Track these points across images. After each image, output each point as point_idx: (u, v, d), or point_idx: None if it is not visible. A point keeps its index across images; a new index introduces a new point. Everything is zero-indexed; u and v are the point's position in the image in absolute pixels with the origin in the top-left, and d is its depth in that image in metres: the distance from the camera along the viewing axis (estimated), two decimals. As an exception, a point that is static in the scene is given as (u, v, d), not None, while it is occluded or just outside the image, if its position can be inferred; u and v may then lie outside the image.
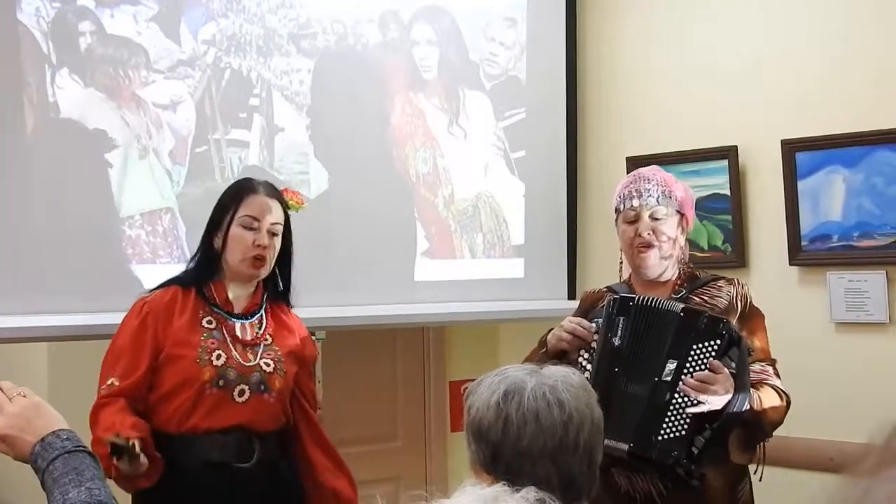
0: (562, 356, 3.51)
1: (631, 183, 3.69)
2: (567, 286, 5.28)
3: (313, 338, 4.77)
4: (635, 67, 5.22)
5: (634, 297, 3.56)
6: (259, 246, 3.55)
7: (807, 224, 4.53)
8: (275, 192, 3.66)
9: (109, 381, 3.40)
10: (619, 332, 3.50)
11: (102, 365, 3.49)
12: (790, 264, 4.59)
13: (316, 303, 4.52)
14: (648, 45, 5.17)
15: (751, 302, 3.67)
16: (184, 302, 3.54)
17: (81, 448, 2.08)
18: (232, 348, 3.52)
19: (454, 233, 5.02)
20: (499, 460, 2.18)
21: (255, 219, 3.56)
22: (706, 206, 4.84)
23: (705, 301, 3.61)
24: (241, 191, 3.62)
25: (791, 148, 4.53)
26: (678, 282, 3.67)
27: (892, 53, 4.38)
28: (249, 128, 4.45)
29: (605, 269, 4.99)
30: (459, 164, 5.03)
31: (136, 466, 3.17)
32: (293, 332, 3.75)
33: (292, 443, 3.72)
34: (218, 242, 3.58)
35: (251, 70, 4.45)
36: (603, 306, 3.62)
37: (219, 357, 3.48)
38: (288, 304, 3.78)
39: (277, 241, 3.62)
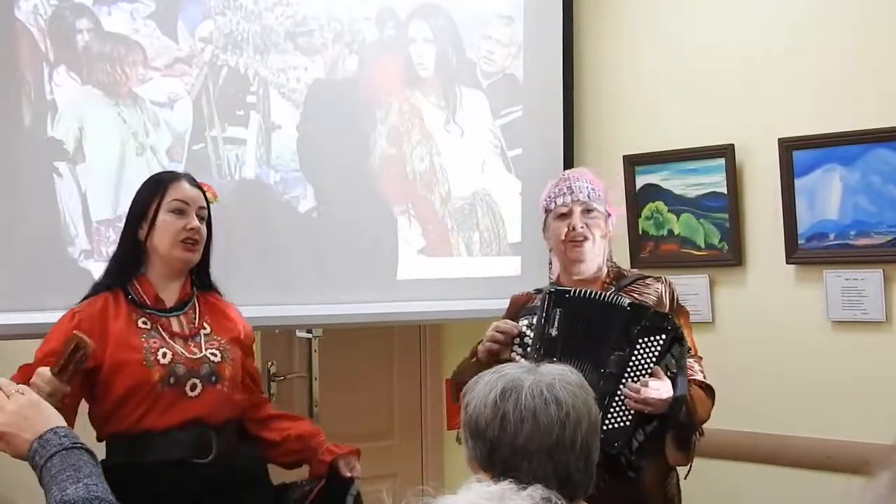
0: (495, 363, 3.47)
1: (560, 181, 3.75)
2: (564, 284, 5.28)
3: (309, 335, 4.78)
4: (632, 66, 5.22)
5: (570, 290, 3.58)
6: (191, 229, 3.47)
7: (804, 222, 4.53)
8: (196, 182, 3.59)
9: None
10: (556, 324, 3.52)
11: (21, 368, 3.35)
12: (787, 263, 4.59)
13: (312, 300, 4.53)
14: (645, 43, 5.17)
15: (678, 299, 3.74)
16: (115, 308, 3.43)
17: (79, 445, 2.09)
18: (174, 344, 3.45)
19: (451, 231, 5.02)
20: (495, 457, 2.18)
21: (185, 202, 3.49)
22: (703, 205, 4.85)
23: (635, 298, 3.64)
24: (163, 181, 3.53)
25: (788, 146, 4.53)
26: (607, 279, 3.71)
27: (889, 52, 4.39)
28: (246, 125, 4.45)
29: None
30: (456, 162, 5.03)
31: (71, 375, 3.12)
32: (231, 318, 3.69)
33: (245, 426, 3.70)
34: (143, 233, 3.48)
35: (248, 68, 4.45)
36: (533, 304, 3.66)
37: (164, 355, 3.40)
38: (217, 291, 3.70)
39: (205, 228, 3.55)
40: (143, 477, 3.32)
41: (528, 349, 3.52)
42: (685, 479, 3.66)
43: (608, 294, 3.56)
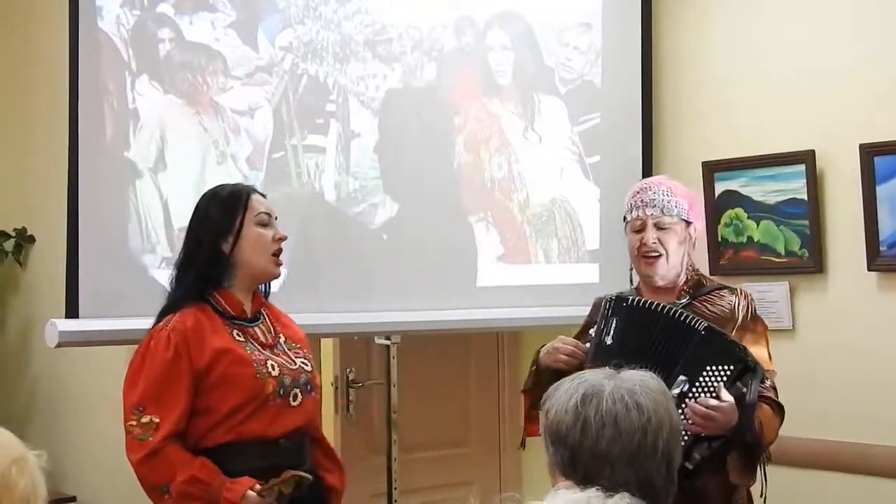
0: (557, 374, 3.34)
1: (637, 193, 3.71)
2: (642, 291, 5.25)
3: (387, 342, 4.79)
4: (711, 72, 5.19)
5: (630, 299, 3.57)
6: (280, 239, 3.50)
7: (885, 229, 4.48)
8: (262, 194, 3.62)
9: (148, 419, 3.27)
10: (612, 332, 3.51)
11: (126, 392, 3.34)
12: (868, 270, 4.54)
13: (390, 307, 4.54)
14: (724, 49, 5.14)
15: (753, 312, 3.64)
16: (209, 320, 3.41)
17: None
18: (271, 355, 3.47)
19: (529, 238, 5.02)
20: (577, 464, 2.17)
21: (269, 214, 3.52)
22: (783, 211, 4.81)
23: (707, 308, 3.60)
24: (242, 193, 3.52)
25: (869, 152, 4.49)
26: (684, 288, 3.67)
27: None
28: (326, 133, 4.48)
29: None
30: (534, 169, 5.03)
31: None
32: (292, 326, 3.69)
33: None
34: (228, 247, 3.45)
35: (328, 76, 4.48)
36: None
37: (273, 367, 3.42)
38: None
39: None
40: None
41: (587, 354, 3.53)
42: (761, 496, 3.59)
43: (684, 313, 3.49)
